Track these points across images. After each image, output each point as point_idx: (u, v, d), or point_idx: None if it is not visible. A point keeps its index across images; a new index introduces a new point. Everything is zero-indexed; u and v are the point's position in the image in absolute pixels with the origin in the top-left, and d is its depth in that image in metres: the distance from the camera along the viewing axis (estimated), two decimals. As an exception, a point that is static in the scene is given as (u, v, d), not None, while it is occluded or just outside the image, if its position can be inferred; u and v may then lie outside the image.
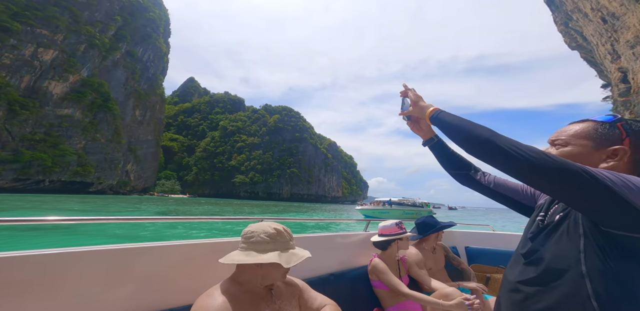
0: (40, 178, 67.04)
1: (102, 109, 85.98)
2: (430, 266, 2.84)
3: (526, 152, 0.78)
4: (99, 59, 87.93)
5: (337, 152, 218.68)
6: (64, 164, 72.36)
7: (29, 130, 66.42)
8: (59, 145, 71.70)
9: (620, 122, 0.87)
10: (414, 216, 41.02)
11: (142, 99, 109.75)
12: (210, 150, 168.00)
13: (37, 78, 69.93)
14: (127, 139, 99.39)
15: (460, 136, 0.96)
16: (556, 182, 0.75)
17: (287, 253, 1.27)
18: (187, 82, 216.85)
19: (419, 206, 48.42)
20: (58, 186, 71.58)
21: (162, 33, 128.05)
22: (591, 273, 0.74)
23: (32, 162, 65.10)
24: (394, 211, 39.41)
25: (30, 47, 67.91)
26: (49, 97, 71.84)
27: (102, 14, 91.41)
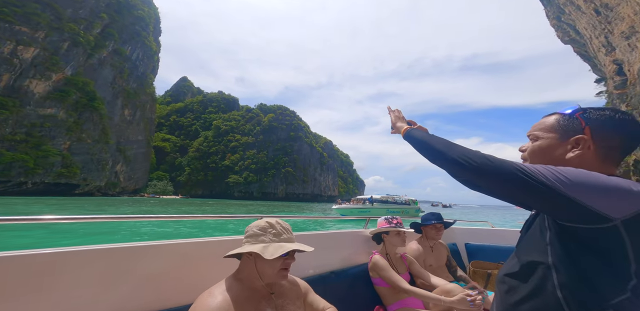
0: (22, 180, 65.01)
1: (87, 109, 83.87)
2: (431, 263, 2.87)
3: (471, 158, 0.84)
4: (83, 57, 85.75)
5: (333, 150, 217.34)
6: (47, 165, 70.33)
7: (9, 130, 64.34)
8: (41, 146, 69.66)
9: (579, 111, 0.91)
10: (399, 214, 39.73)
11: (132, 98, 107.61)
12: (204, 150, 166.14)
13: (17, 77, 67.78)
14: (115, 139, 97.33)
15: (422, 149, 1.08)
16: (497, 183, 0.80)
17: (274, 245, 1.27)
18: (180, 82, 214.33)
19: (405, 203, 45.68)
20: (42, 188, 69.53)
21: (152, 31, 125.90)
22: (557, 264, 0.78)
23: (12, 164, 63.05)
24: (376, 209, 36.25)
25: (9, 44, 65.76)
26: (30, 96, 69.72)
27: (86, 11, 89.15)
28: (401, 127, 1.31)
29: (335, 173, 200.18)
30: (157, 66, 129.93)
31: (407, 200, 47.04)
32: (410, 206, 45.27)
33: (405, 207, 43.13)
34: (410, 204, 46.31)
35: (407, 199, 47.35)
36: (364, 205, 36.25)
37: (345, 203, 35.74)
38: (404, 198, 47.43)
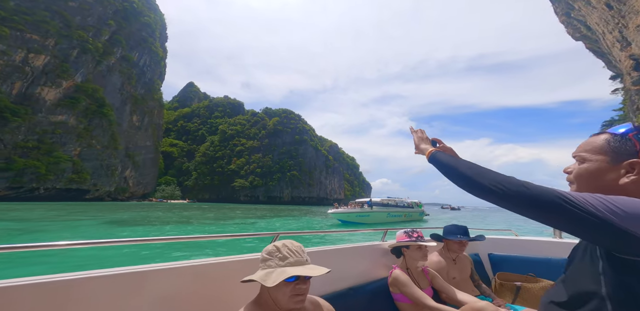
0: (34, 186, 65.71)
1: (97, 115, 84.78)
2: (454, 276, 2.70)
3: (505, 186, 0.79)
4: (92, 64, 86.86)
5: (338, 153, 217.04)
6: (59, 171, 71.04)
7: (21, 137, 65.16)
8: (53, 153, 70.42)
9: (633, 131, 0.84)
10: (401, 218, 37.40)
11: (140, 104, 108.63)
12: (210, 155, 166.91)
13: (29, 85, 68.83)
14: (124, 145, 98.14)
15: (449, 174, 1.02)
16: (538, 213, 0.75)
17: (278, 270, 1.21)
18: (187, 87, 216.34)
19: (408, 206, 42.14)
20: (53, 194, 70.19)
21: (159, 37, 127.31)
22: (612, 296, 0.73)
23: (25, 170, 63.77)
24: (376, 213, 33.14)
25: (20, 52, 66.82)
26: (42, 104, 70.66)
27: (94, 19, 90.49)
28: (425, 149, 1.24)
29: (341, 177, 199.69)
30: (164, 72, 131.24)
31: (410, 202, 43.91)
32: (414, 209, 42.43)
33: (408, 211, 40.26)
34: (414, 207, 43.40)
35: (410, 202, 44.28)
36: (362, 209, 32.69)
37: (342, 207, 32.54)
38: (407, 200, 44.41)
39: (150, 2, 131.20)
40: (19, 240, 13.06)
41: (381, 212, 34.21)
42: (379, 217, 33.12)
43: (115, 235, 15.78)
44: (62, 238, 13.40)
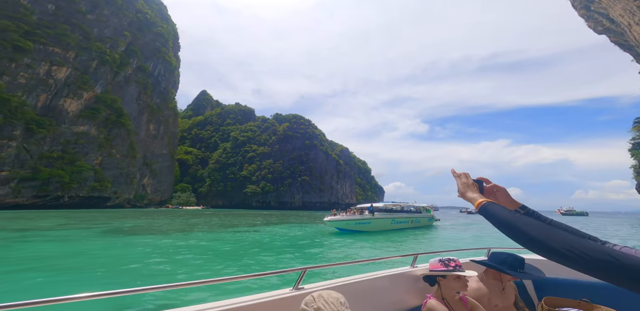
0: (59, 194, 67.27)
1: (116, 125, 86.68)
2: (497, 303, 2.44)
3: (584, 252, 0.74)
4: (111, 75, 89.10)
5: (349, 157, 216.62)
6: (82, 180, 72.62)
7: (46, 148, 66.94)
8: (76, 162, 72.09)
9: None
10: (408, 225, 34.30)
11: (156, 114, 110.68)
12: (223, 161, 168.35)
13: (52, 97, 70.86)
14: (142, 154, 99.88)
15: (512, 232, 0.93)
16: (626, 282, 0.69)
17: None
18: (200, 95, 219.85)
19: (416, 211, 38.51)
20: (77, 201, 71.78)
21: (172, 47, 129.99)
22: None
23: (50, 179, 65.39)
24: (378, 220, 29.85)
25: (44, 65, 68.96)
26: (65, 115, 72.59)
27: (111, 30, 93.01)
28: (473, 199, 1.13)
29: (352, 181, 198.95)
30: (177, 81, 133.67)
31: (417, 207, 40.22)
32: (422, 214, 38.80)
33: (415, 216, 36.56)
34: (422, 212, 39.73)
35: (418, 206, 40.53)
36: (362, 216, 28.94)
37: (341, 214, 28.97)
38: (414, 205, 40.75)
39: (163, 13, 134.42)
40: (12, 250, 13.48)
41: (384, 219, 30.95)
42: (381, 224, 30.22)
43: (111, 246, 15.76)
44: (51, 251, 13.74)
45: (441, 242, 21.91)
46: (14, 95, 62.32)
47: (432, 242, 21.90)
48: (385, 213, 32.25)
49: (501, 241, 19.99)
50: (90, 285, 8.45)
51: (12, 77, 63.08)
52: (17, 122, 61.31)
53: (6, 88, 61.36)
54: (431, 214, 41.20)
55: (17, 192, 59.94)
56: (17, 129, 60.97)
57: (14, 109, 61.20)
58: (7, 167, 58.61)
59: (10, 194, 58.92)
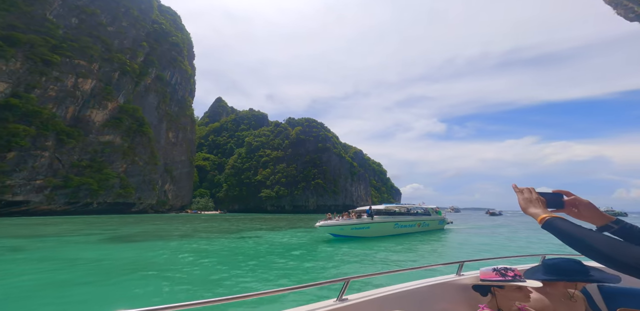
0: (88, 201, 70.18)
1: (138, 133, 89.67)
2: None
3: None
4: (131, 85, 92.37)
5: (363, 159, 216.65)
6: (108, 187, 75.47)
7: (76, 157, 69.98)
8: (102, 170, 75.02)
9: None
10: (415, 229, 31.24)
11: (174, 121, 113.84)
12: (238, 167, 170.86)
13: (80, 108, 74.06)
14: (163, 161, 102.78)
15: (581, 248, 0.91)
16: None
17: None
18: (215, 103, 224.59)
19: (424, 213, 34.89)
20: (105, 207, 74.68)
21: (187, 56, 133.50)
22: None
23: (80, 187, 68.33)
24: (378, 224, 26.73)
25: (70, 77, 72.21)
26: (92, 125, 75.73)
27: (130, 41, 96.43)
28: (536, 215, 1.11)
29: (367, 183, 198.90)
30: (193, 89, 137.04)
31: (426, 209, 36.68)
32: (431, 217, 35.40)
33: (422, 219, 33.07)
34: (431, 214, 36.34)
35: (427, 208, 37.12)
36: (359, 220, 25.60)
37: (336, 218, 25.63)
38: (422, 206, 37.29)
39: (177, 23, 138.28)
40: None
41: (385, 222, 27.79)
42: (382, 229, 27.25)
43: (107, 252, 16.20)
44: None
45: (443, 250, 19.79)
46: (45, 108, 65.56)
47: (433, 251, 19.12)
48: (387, 217, 29.02)
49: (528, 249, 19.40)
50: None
51: (43, 90, 66.38)
52: (49, 133, 64.43)
53: (38, 101, 64.62)
54: (442, 216, 37.83)
55: (51, 199, 62.94)
56: (49, 140, 64.09)
57: (46, 121, 64.39)
58: (41, 175, 61.66)
59: (45, 201, 61.93)
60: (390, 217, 29.39)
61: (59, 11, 76.00)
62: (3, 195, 55.20)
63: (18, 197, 57.51)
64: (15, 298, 8.15)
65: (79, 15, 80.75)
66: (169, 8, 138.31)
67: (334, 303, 1.88)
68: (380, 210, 30.08)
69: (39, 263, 12.76)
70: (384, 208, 31.16)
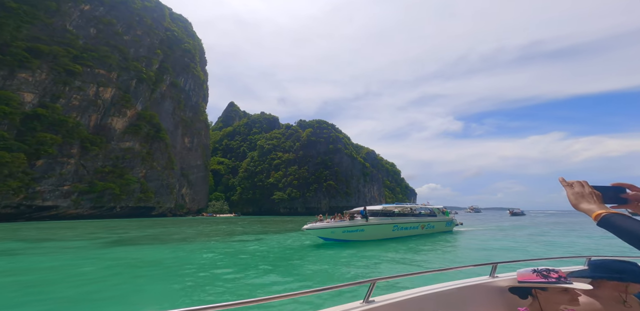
0: (112, 205, 72.53)
1: (155, 139, 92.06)
2: None
3: None
4: (148, 92, 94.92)
5: (376, 160, 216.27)
6: (129, 192, 77.80)
7: (99, 164, 72.46)
8: (124, 175, 77.39)
9: None
10: (418, 231, 28.86)
11: (189, 127, 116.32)
12: (251, 170, 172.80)
13: (102, 116, 76.67)
14: (179, 165, 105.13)
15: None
16: None
17: None
18: (228, 107, 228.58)
19: (429, 214, 32.07)
20: (127, 211, 77.13)
21: (199, 62, 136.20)
22: None
23: (104, 192, 70.71)
24: (374, 227, 24.35)
25: (92, 87, 74.84)
26: (113, 133, 78.27)
27: (145, 49, 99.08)
28: (590, 211, 0.99)
29: (380, 184, 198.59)
30: (206, 94, 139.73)
31: (431, 209, 33.56)
32: (437, 218, 32.16)
33: (426, 220, 30.26)
34: (437, 215, 33.00)
35: (432, 208, 33.85)
36: (352, 223, 23.18)
37: (327, 220, 23.20)
38: (427, 206, 34.10)
39: (188, 30, 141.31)
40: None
41: (383, 224, 25.30)
42: (379, 231, 24.87)
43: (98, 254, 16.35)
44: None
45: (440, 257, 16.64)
46: (70, 117, 68.18)
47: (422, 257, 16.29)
48: (384, 218, 26.36)
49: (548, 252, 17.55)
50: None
51: (67, 100, 69.07)
52: (74, 141, 66.96)
53: (62, 110, 67.27)
54: (449, 217, 34.52)
55: (78, 204, 65.38)
56: (74, 147, 66.61)
57: (71, 129, 66.95)
58: (68, 181, 64.14)
59: (72, 206, 64.39)
60: (388, 218, 26.74)
61: (78, 22, 78.78)
62: (34, 200, 57.71)
63: (48, 202, 60.03)
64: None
65: (96, 25, 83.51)
66: (180, 15, 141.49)
67: (361, 305, 1.86)
68: (377, 211, 27.32)
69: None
70: (382, 209, 28.13)
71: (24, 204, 56.67)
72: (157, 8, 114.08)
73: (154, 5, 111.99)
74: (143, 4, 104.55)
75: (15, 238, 25.94)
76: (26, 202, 56.73)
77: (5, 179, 53.04)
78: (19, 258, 15.50)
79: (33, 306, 7.81)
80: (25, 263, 13.96)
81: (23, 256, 16.15)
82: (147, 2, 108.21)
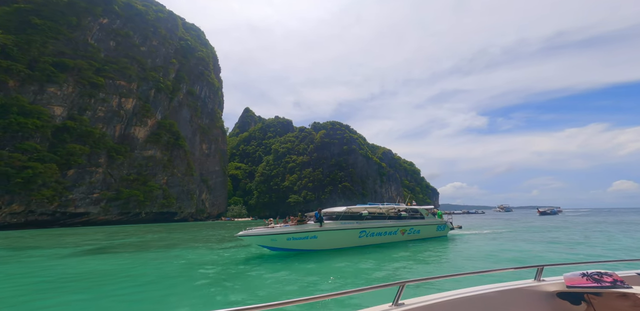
0: (137, 211, 75.32)
1: (175, 147, 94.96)
2: None
3: None
4: (166, 101, 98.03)
5: (393, 159, 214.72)
6: (153, 198, 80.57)
7: (125, 172, 75.44)
8: (147, 182, 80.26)
9: None
10: (397, 238, 22.17)
11: (206, 134, 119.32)
12: (266, 174, 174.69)
13: (125, 126, 79.83)
14: (198, 171, 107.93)
15: None
16: None
17: None
18: (244, 113, 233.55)
19: (412, 217, 24.49)
20: (152, 216, 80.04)
21: (213, 69, 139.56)
22: None
23: (129, 198, 73.57)
24: (331, 233, 18.86)
25: (115, 98, 77.98)
26: (136, 142, 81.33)
27: (161, 59, 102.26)
28: None
29: (398, 184, 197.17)
30: (222, 101, 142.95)
31: (417, 211, 25.65)
32: (424, 221, 24.80)
33: (409, 224, 23.29)
34: (425, 217, 25.32)
35: (419, 209, 25.81)
36: (299, 228, 17.84)
37: (280, 225, 18.51)
38: (413, 207, 26.19)
39: (201, 38, 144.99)
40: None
41: (344, 230, 19.65)
42: (339, 238, 19.29)
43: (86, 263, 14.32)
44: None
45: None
46: (96, 128, 71.34)
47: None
48: (348, 222, 20.44)
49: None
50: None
51: (93, 112, 72.27)
52: (101, 151, 70.04)
53: (89, 121, 70.48)
54: (442, 220, 27.02)
55: (107, 211, 68.33)
56: (101, 157, 69.68)
57: (97, 140, 70.04)
58: (97, 189, 67.14)
59: (102, 212, 67.38)
60: (353, 222, 20.80)
61: (98, 36, 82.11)
62: (67, 207, 60.73)
63: (80, 209, 63.06)
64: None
65: (115, 37, 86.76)
66: (192, 25, 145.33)
67: (390, 307, 1.83)
68: (338, 213, 20.86)
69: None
70: (345, 211, 21.21)
71: (59, 211, 59.74)
72: (170, 18, 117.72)
73: (167, 16, 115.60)
74: (157, 15, 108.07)
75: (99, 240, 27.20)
76: (60, 210, 59.77)
77: (39, 189, 56.05)
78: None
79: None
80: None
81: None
82: (160, 13, 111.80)
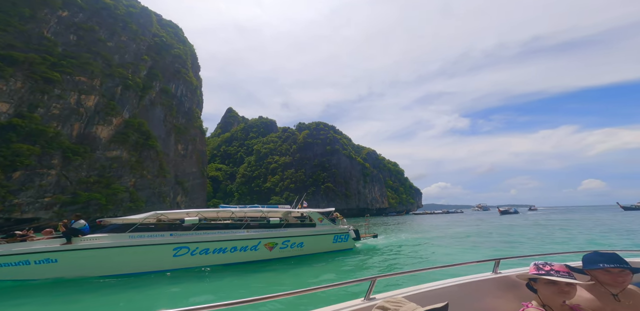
0: (97, 215, 69.46)
1: (145, 147, 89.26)
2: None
3: None
4: (136, 99, 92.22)
5: (377, 160, 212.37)
6: (117, 201, 74.81)
7: (84, 174, 69.55)
8: (111, 185, 74.45)
9: None
10: (259, 256, 14.65)
11: (182, 134, 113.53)
12: (248, 175, 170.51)
13: (85, 125, 73.96)
14: (173, 173, 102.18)
15: None
16: None
17: None
18: (226, 114, 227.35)
19: (290, 224, 17.47)
20: (116, 224, 74.10)
21: (191, 67, 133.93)
22: None
23: (89, 202, 67.79)
24: (90, 254, 11.36)
25: (73, 95, 72.00)
26: (98, 142, 75.44)
27: (131, 56, 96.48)
28: None
29: (382, 184, 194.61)
30: (201, 100, 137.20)
31: (302, 214, 20.03)
32: (314, 229, 17.34)
33: (277, 236, 15.35)
34: (317, 223, 17.93)
35: (305, 213, 19.70)
36: (26, 248, 10.87)
37: (45, 236, 12.43)
38: (286, 208, 20.31)
39: (179, 35, 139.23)
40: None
41: (172, 244, 12.82)
42: (112, 262, 11.82)
43: None
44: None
45: None
46: (50, 126, 65.42)
47: None
48: (153, 234, 12.90)
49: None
50: None
51: (46, 109, 66.32)
52: (55, 151, 64.12)
53: (42, 120, 64.56)
54: (341, 228, 18.77)
55: (61, 215, 62.18)
56: (55, 158, 63.74)
57: (51, 139, 64.13)
58: (49, 193, 61.25)
59: (55, 217, 61.40)
60: (163, 234, 13.10)
61: (56, 29, 76.07)
62: (12, 213, 54.74)
63: (27, 214, 57.09)
64: None
65: (76, 32, 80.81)
66: (169, 21, 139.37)
67: (362, 302, 1.86)
68: (130, 224, 13.47)
69: None
70: (152, 215, 14.33)
71: (1, 217, 53.85)
72: (143, 14, 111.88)
73: (139, 11, 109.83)
74: (127, 10, 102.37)
75: None
76: (3, 215, 53.87)
77: (-21, 193, 50.33)
78: None
79: None
80: None
81: None
82: (132, 8, 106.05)
